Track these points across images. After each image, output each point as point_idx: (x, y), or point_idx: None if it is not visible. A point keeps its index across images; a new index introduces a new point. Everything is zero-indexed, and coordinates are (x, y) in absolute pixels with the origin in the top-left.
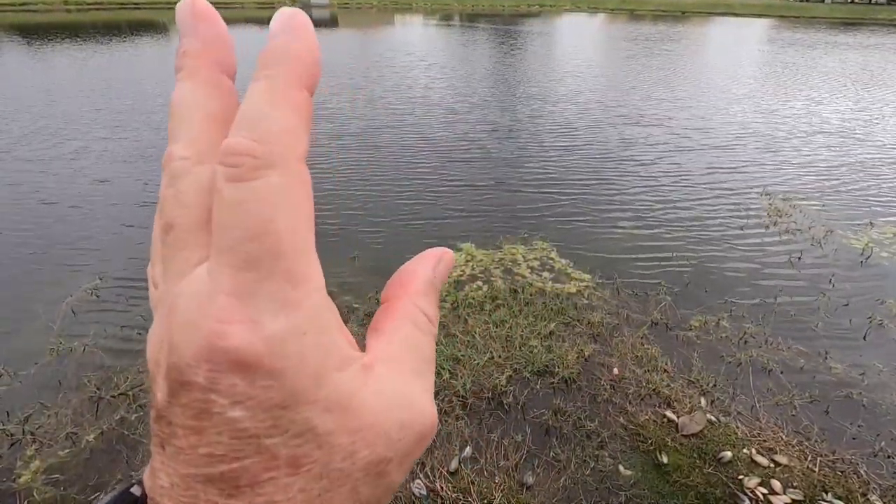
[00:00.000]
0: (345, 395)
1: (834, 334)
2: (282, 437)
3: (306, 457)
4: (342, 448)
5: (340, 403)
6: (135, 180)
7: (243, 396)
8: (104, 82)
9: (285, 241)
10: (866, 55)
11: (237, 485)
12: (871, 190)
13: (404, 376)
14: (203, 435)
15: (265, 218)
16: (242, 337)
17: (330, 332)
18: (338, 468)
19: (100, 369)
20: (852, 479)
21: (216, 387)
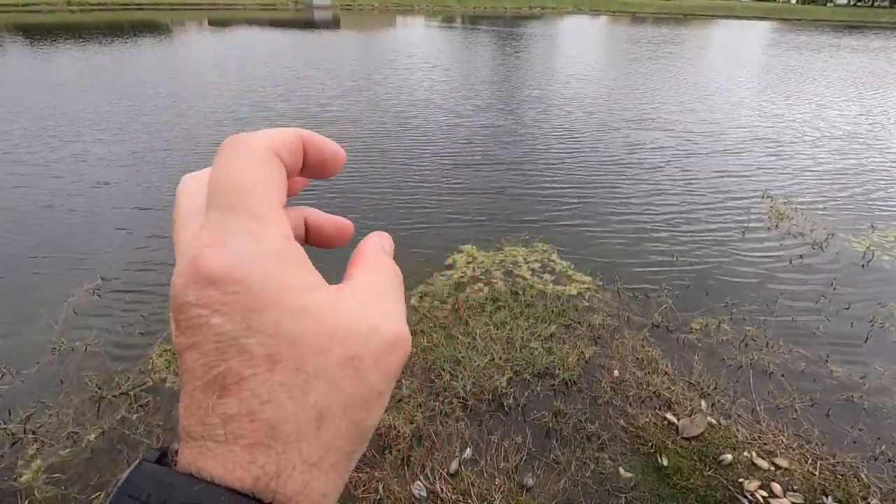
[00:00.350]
0: (314, 305)
1: (835, 337)
2: (258, 336)
3: (280, 354)
4: (314, 345)
5: (309, 311)
6: (135, 183)
7: (219, 304)
8: (106, 84)
9: (250, 191)
10: (871, 58)
11: (224, 384)
12: (872, 193)
13: (374, 299)
14: (197, 348)
15: (235, 173)
16: (214, 255)
17: (295, 262)
18: (312, 363)
19: (101, 369)
20: (853, 483)
21: (200, 301)
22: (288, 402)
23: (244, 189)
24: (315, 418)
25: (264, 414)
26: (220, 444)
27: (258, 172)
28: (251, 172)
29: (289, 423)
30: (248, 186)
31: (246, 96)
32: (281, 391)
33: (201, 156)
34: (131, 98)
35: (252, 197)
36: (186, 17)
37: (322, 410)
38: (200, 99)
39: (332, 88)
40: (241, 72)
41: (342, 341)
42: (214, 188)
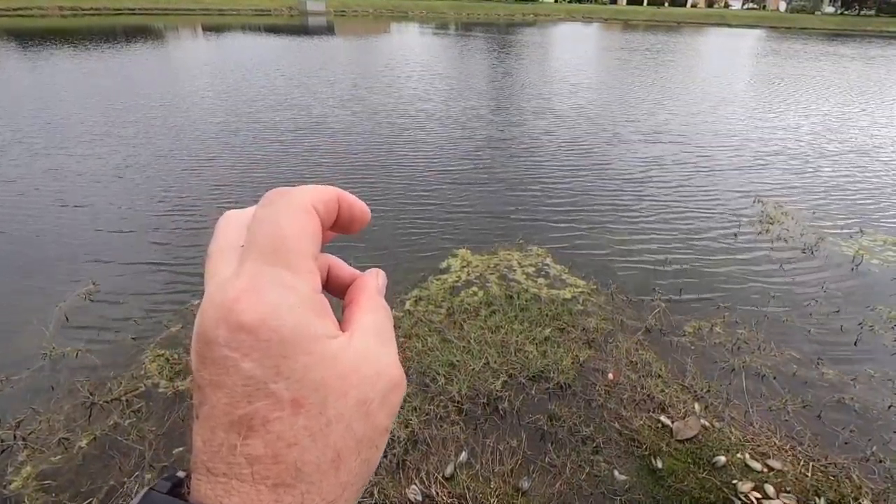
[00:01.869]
0: (333, 352)
1: (826, 340)
2: (285, 382)
3: (305, 398)
4: (334, 391)
5: (330, 357)
6: (128, 190)
7: (250, 349)
8: (100, 89)
9: (289, 243)
10: (867, 66)
11: (251, 425)
12: (861, 198)
13: (376, 343)
14: (223, 388)
15: (273, 225)
16: (249, 303)
17: (321, 313)
18: (333, 406)
19: (93, 374)
20: (844, 484)
21: (230, 344)
22: (311, 444)
23: (284, 241)
24: (333, 459)
25: (290, 456)
26: (244, 483)
27: (298, 226)
28: (292, 226)
29: (311, 465)
30: (288, 239)
31: (239, 106)
32: (304, 434)
33: (196, 163)
34: (126, 105)
35: (290, 249)
36: (180, 22)
37: (340, 451)
38: (194, 108)
39: (327, 96)
40: (235, 80)
41: (356, 385)
42: (256, 235)
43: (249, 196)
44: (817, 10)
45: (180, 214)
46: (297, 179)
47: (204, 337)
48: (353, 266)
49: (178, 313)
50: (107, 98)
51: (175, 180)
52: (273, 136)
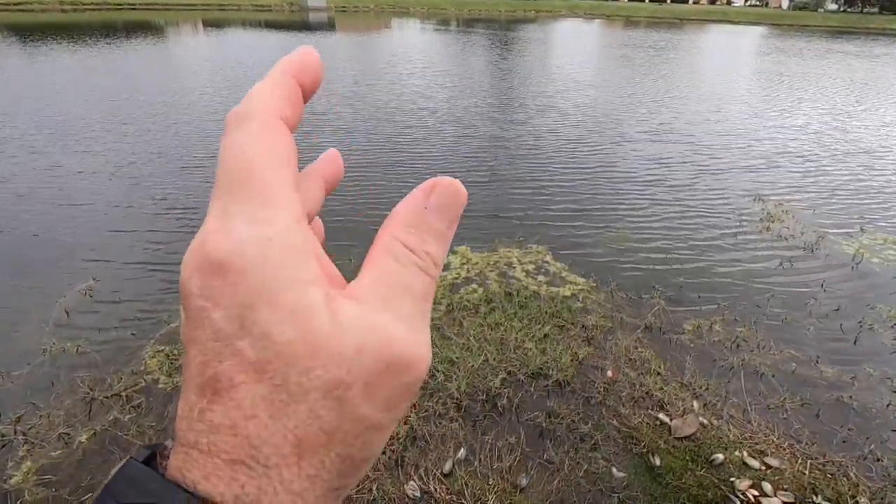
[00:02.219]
0: (304, 310)
1: (825, 338)
2: (248, 338)
3: (267, 363)
4: (298, 361)
5: (300, 316)
6: (128, 185)
7: (220, 296)
8: (99, 86)
9: (256, 171)
10: (873, 64)
11: (216, 388)
12: (862, 196)
13: (370, 305)
14: (197, 343)
15: (240, 152)
16: (216, 242)
17: (300, 249)
18: (295, 381)
19: (93, 370)
20: (842, 482)
21: (203, 291)
22: (269, 421)
23: (251, 170)
24: (294, 445)
25: (247, 430)
26: (203, 455)
27: (264, 148)
28: (257, 149)
29: (268, 446)
30: (255, 165)
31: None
32: (263, 407)
33: (196, 161)
34: (125, 101)
35: (259, 176)
36: (180, 17)
37: (301, 439)
38: (194, 105)
39: (328, 93)
40: (236, 77)
41: (325, 363)
42: (221, 168)
43: None
44: (820, 7)
45: (181, 212)
46: None
47: (183, 289)
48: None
49: (178, 309)
50: (107, 95)
51: (175, 178)
52: None
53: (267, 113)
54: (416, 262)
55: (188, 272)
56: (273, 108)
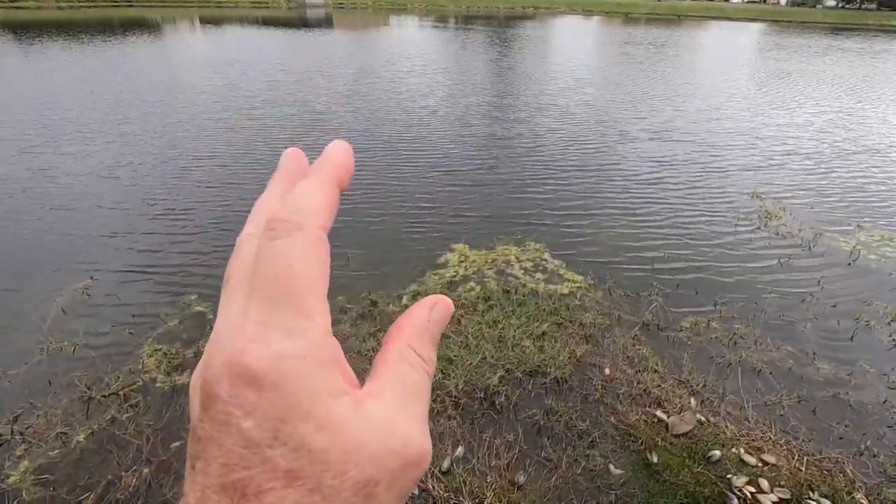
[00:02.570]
0: (337, 419)
1: (822, 335)
2: (281, 448)
3: (301, 471)
4: (333, 466)
5: (332, 425)
6: (125, 186)
7: (252, 407)
8: (96, 84)
9: (298, 283)
10: (876, 61)
11: (244, 493)
12: (859, 193)
13: (391, 407)
14: (222, 446)
15: (286, 264)
16: (256, 355)
17: (328, 364)
18: (329, 485)
19: (90, 369)
20: (838, 478)
21: (234, 399)
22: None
23: (294, 281)
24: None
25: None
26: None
27: (308, 261)
28: (303, 264)
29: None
30: (299, 278)
31: (238, 102)
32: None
33: (195, 161)
34: (125, 100)
35: (301, 289)
36: (177, 14)
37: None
38: (192, 104)
39: (328, 92)
40: (234, 75)
41: (358, 463)
42: (261, 270)
43: (250, 194)
44: (818, 3)
45: (178, 212)
46: None
47: (207, 388)
48: (349, 265)
49: (176, 308)
50: (103, 94)
51: (173, 179)
52: (273, 133)
53: (316, 227)
54: (424, 367)
55: (217, 375)
56: (322, 222)
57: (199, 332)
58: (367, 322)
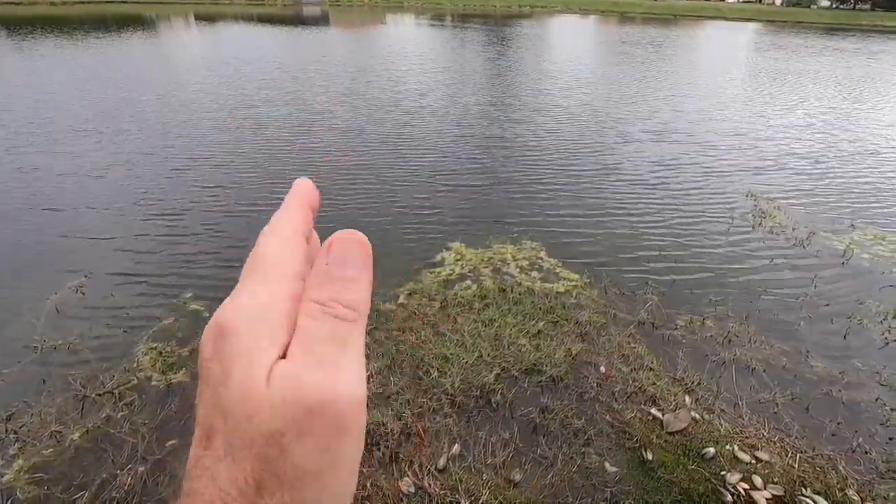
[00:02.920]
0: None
1: (815, 334)
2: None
3: (223, 421)
4: (244, 417)
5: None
6: (121, 185)
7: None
8: (89, 82)
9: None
10: (873, 61)
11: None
12: (853, 193)
13: (298, 363)
14: (201, 400)
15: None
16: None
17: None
18: (243, 432)
19: (85, 367)
20: (831, 475)
21: (210, 354)
22: (232, 467)
23: (262, 262)
24: (254, 488)
25: (220, 474)
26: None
27: (275, 250)
28: (269, 251)
29: (235, 488)
30: (266, 260)
31: (234, 102)
32: (226, 456)
33: (188, 160)
34: (117, 98)
35: (265, 267)
36: (172, 11)
37: (259, 482)
38: (189, 102)
39: (325, 91)
40: (229, 73)
41: (263, 416)
42: (249, 259)
43: (245, 195)
44: (813, 3)
45: (172, 212)
46: (295, 175)
47: (200, 355)
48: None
49: (171, 306)
50: (98, 92)
51: (168, 179)
52: (269, 133)
53: (284, 230)
54: (328, 311)
55: (204, 340)
56: (290, 228)
57: (194, 331)
58: None
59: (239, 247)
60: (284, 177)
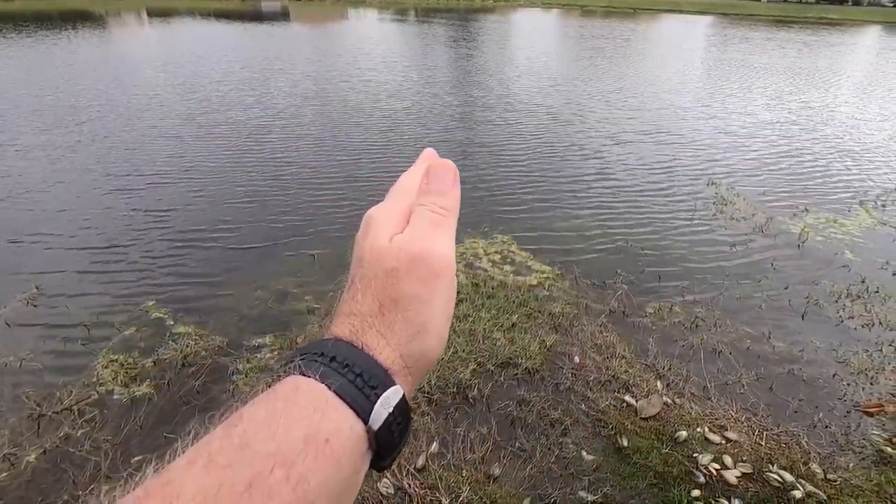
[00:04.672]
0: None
1: (776, 315)
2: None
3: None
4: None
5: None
6: (71, 190)
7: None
8: (28, 84)
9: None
10: (811, 51)
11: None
12: (805, 179)
13: (411, 233)
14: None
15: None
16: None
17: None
18: (370, 271)
19: (39, 384)
20: (795, 450)
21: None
22: (361, 294)
23: (396, 187)
24: (378, 307)
25: (358, 300)
26: (338, 318)
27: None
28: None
29: (364, 306)
30: (398, 186)
31: (190, 104)
32: (363, 289)
33: (143, 162)
34: (63, 97)
35: (397, 189)
36: (123, 6)
37: (381, 302)
38: (142, 106)
39: (290, 96)
40: (186, 74)
41: (385, 260)
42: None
43: (205, 196)
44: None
45: (130, 213)
46: (257, 174)
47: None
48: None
49: (131, 315)
50: (42, 95)
51: (126, 181)
52: (230, 133)
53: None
54: (427, 209)
55: (360, 228)
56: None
57: (157, 340)
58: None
59: (199, 247)
60: (246, 174)
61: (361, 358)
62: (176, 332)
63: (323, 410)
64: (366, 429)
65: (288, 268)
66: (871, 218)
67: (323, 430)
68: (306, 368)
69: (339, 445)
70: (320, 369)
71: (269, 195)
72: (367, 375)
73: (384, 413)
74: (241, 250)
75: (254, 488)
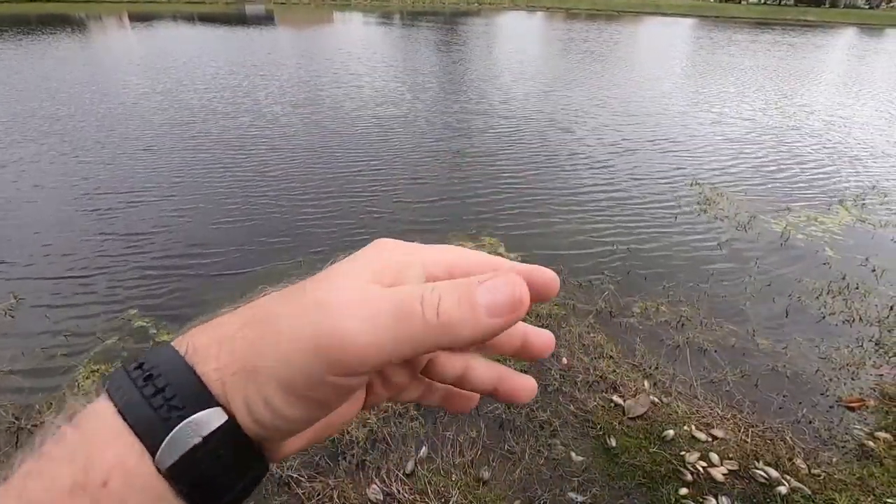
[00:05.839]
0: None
1: (760, 313)
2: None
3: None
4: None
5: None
6: (51, 198)
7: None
8: (16, 85)
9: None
10: (790, 52)
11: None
12: (787, 177)
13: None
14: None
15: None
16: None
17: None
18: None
19: (18, 396)
20: (780, 446)
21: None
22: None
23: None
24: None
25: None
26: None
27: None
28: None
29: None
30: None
31: (173, 111)
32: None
33: (125, 169)
34: (45, 104)
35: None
36: (103, 10)
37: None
38: (124, 116)
39: (276, 103)
40: (170, 82)
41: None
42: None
43: (186, 207)
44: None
45: (111, 220)
46: (243, 186)
47: None
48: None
49: (113, 324)
50: (21, 100)
51: (106, 188)
52: (215, 143)
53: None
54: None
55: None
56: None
57: (140, 349)
58: None
59: (184, 255)
60: (230, 184)
61: (175, 365)
62: (159, 341)
63: (106, 440)
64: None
65: (273, 274)
66: (850, 215)
67: (99, 470)
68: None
69: (124, 486)
70: (119, 382)
71: (255, 203)
72: (171, 391)
73: (189, 442)
74: (227, 258)
75: None
